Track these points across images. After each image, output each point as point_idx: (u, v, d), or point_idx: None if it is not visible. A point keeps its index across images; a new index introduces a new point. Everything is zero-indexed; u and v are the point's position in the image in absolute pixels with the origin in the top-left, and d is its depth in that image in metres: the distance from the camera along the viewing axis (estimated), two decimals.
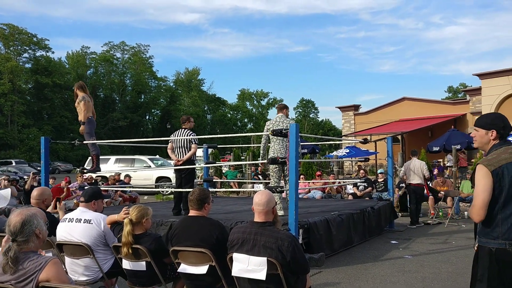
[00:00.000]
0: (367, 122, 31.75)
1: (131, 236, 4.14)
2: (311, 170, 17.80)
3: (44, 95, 56.32)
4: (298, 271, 3.51)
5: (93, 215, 4.57)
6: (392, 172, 10.82)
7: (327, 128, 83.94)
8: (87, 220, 4.51)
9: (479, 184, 2.91)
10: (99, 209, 4.78)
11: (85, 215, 4.56)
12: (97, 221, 4.51)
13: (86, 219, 4.51)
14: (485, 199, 2.86)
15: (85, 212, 4.61)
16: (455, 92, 75.70)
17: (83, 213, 4.60)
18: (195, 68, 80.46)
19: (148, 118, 76.10)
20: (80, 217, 4.55)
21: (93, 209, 4.69)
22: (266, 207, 3.54)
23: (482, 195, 2.87)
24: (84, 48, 67.98)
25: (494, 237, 2.89)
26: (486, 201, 2.86)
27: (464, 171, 16.28)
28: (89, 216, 4.55)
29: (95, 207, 4.72)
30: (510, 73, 24.25)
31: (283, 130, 6.85)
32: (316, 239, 7.01)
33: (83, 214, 4.58)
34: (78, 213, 4.62)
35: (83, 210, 4.63)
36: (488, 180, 2.87)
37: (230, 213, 8.37)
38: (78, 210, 4.68)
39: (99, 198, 4.80)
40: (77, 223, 4.52)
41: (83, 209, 4.65)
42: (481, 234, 2.99)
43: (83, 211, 4.62)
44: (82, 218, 4.53)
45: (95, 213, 4.62)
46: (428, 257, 7.41)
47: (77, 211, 4.68)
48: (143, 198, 16.31)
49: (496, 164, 2.89)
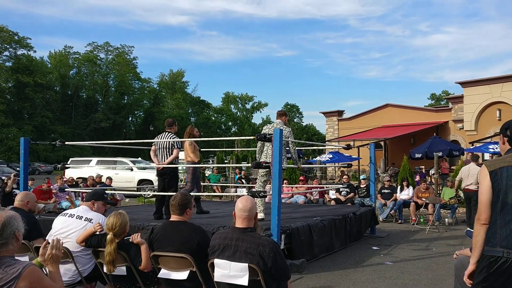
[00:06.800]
0: (351, 128, 31.94)
1: (116, 253, 4.06)
2: (294, 175, 17.82)
3: (25, 95, 55.50)
4: (279, 277, 3.49)
5: (94, 214, 4.61)
6: (374, 178, 10.89)
7: (311, 133, 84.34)
8: (88, 219, 4.53)
9: (481, 184, 2.91)
10: (99, 211, 4.76)
11: (87, 214, 4.59)
12: (98, 221, 4.48)
13: (88, 218, 4.55)
14: (486, 201, 2.85)
15: (87, 211, 4.65)
16: (437, 100, 76.66)
17: (85, 211, 4.64)
18: (180, 70, 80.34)
19: (131, 119, 75.63)
20: (82, 214, 4.58)
21: (93, 210, 4.71)
22: (249, 213, 3.51)
23: (482, 197, 2.87)
24: (67, 47, 67.48)
25: (493, 244, 2.83)
26: (487, 203, 2.84)
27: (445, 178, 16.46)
28: (91, 215, 4.58)
29: (94, 208, 4.73)
30: (492, 82, 24.66)
31: (267, 135, 6.84)
32: (298, 244, 7.00)
33: (85, 212, 4.62)
34: (81, 210, 4.66)
35: (86, 209, 4.68)
36: (487, 181, 2.85)
37: (213, 218, 8.31)
38: (81, 207, 4.73)
39: (98, 200, 4.79)
40: (78, 219, 4.54)
41: (86, 208, 4.70)
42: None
43: (85, 210, 4.67)
44: (84, 216, 4.56)
45: (97, 214, 4.65)
46: (409, 263, 7.45)
47: (79, 208, 4.73)
48: (125, 201, 16.12)
49: (496, 165, 2.86)
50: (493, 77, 24.89)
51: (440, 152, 18.64)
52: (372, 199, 10.94)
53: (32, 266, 2.70)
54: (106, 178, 14.78)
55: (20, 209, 4.93)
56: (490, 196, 2.84)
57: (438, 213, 11.84)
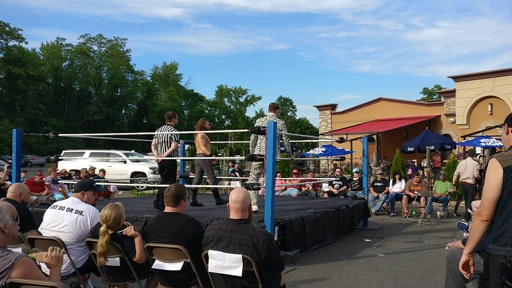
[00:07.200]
0: (344, 122, 32.00)
1: (109, 245, 4.05)
2: (288, 168, 17.86)
3: (16, 86, 54.97)
4: (273, 268, 3.51)
5: (85, 206, 4.56)
6: (367, 171, 10.95)
7: (304, 126, 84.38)
8: (79, 211, 4.49)
9: (488, 179, 2.69)
10: (89, 201, 4.74)
11: (77, 206, 4.54)
12: (89, 213, 4.49)
13: (78, 210, 4.50)
14: (494, 196, 2.64)
15: (77, 202, 4.61)
16: (430, 94, 76.89)
17: (76, 203, 4.59)
18: (173, 63, 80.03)
19: (124, 112, 75.30)
20: (73, 207, 4.53)
21: (83, 200, 4.67)
22: (243, 205, 3.53)
23: (491, 192, 2.66)
24: (59, 39, 66.92)
25: (503, 244, 2.63)
26: (494, 199, 2.64)
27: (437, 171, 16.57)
28: (82, 207, 4.54)
29: (84, 198, 4.70)
30: (484, 76, 24.76)
31: (261, 128, 6.85)
32: (291, 236, 7.05)
33: (75, 204, 4.58)
34: (71, 202, 4.61)
35: (76, 201, 4.64)
36: (498, 176, 2.63)
37: (206, 210, 8.33)
38: (71, 199, 4.69)
39: (88, 190, 4.76)
40: (69, 212, 4.50)
41: (76, 200, 4.65)
42: (490, 239, 2.73)
43: (76, 201, 4.62)
44: (74, 208, 4.52)
45: (88, 205, 4.61)
46: (401, 255, 7.52)
47: (69, 200, 4.68)
48: (118, 193, 16.10)
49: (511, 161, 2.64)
50: (485, 72, 24.99)
51: (432, 146, 18.73)
52: (365, 192, 11.00)
53: (25, 257, 2.71)
54: (99, 170, 14.74)
55: (12, 200, 4.91)
56: (498, 193, 2.63)
57: (430, 206, 11.93)
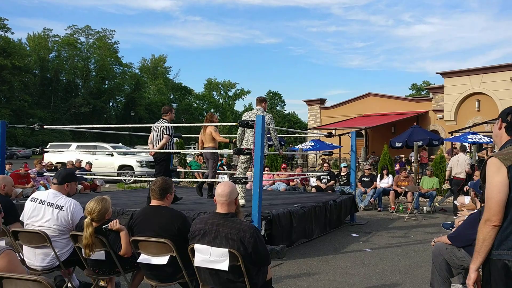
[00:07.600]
0: (333, 116, 32.04)
1: (93, 237, 4.00)
2: (276, 162, 17.86)
3: (2, 77, 54.09)
4: (259, 263, 3.50)
5: (65, 200, 4.43)
6: (355, 166, 10.99)
7: (293, 121, 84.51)
8: (59, 206, 4.37)
9: (492, 182, 2.45)
10: (72, 192, 4.62)
11: (57, 200, 4.40)
12: (69, 208, 4.38)
13: (59, 205, 4.37)
14: (503, 198, 2.41)
15: (57, 196, 4.44)
16: (418, 90, 77.40)
17: (56, 197, 4.43)
18: (162, 56, 79.54)
19: (112, 104, 74.71)
20: (52, 201, 4.39)
21: (66, 192, 4.54)
22: (228, 198, 3.50)
23: (498, 196, 2.42)
24: (46, 30, 66.06)
25: (508, 248, 2.42)
26: (504, 200, 2.41)
27: (424, 167, 16.70)
28: (62, 202, 4.40)
29: (68, 189, 4.56)
30: (472, 73, 24.93)
31: (249, 122, 6.81)
32: (278, 230, 7.04)
33: (55, 198, 4.42)
34: (51, 196, 4.44)
35: (56, 194, 4.46)
36: (503, 177, 2.42)
37: (193, 204, 8.29)
38: (51, 192, 4.49)
39: (72, 180, 4.62)
40: (49, 207, 4.37)
41: (56, 193, 4.47)
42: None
43: (55, 195, 4.45)
44: (54, 203, 4.38)
45: (68, 199, 4.47)
46: (387, 250, 7.55)
47: (49, 193, 4.49)
48: (105, 187, 15.98)
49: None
50: (473, 68, 25.17)
51: (420, 141, 18.84)
52: (353, 187, 11.04)
53: (9, 250, 2.68)
54: (86, 163, 14.61)
55: None
56: (506, 194, 2.41)
57: (417, 201, 12.01)
